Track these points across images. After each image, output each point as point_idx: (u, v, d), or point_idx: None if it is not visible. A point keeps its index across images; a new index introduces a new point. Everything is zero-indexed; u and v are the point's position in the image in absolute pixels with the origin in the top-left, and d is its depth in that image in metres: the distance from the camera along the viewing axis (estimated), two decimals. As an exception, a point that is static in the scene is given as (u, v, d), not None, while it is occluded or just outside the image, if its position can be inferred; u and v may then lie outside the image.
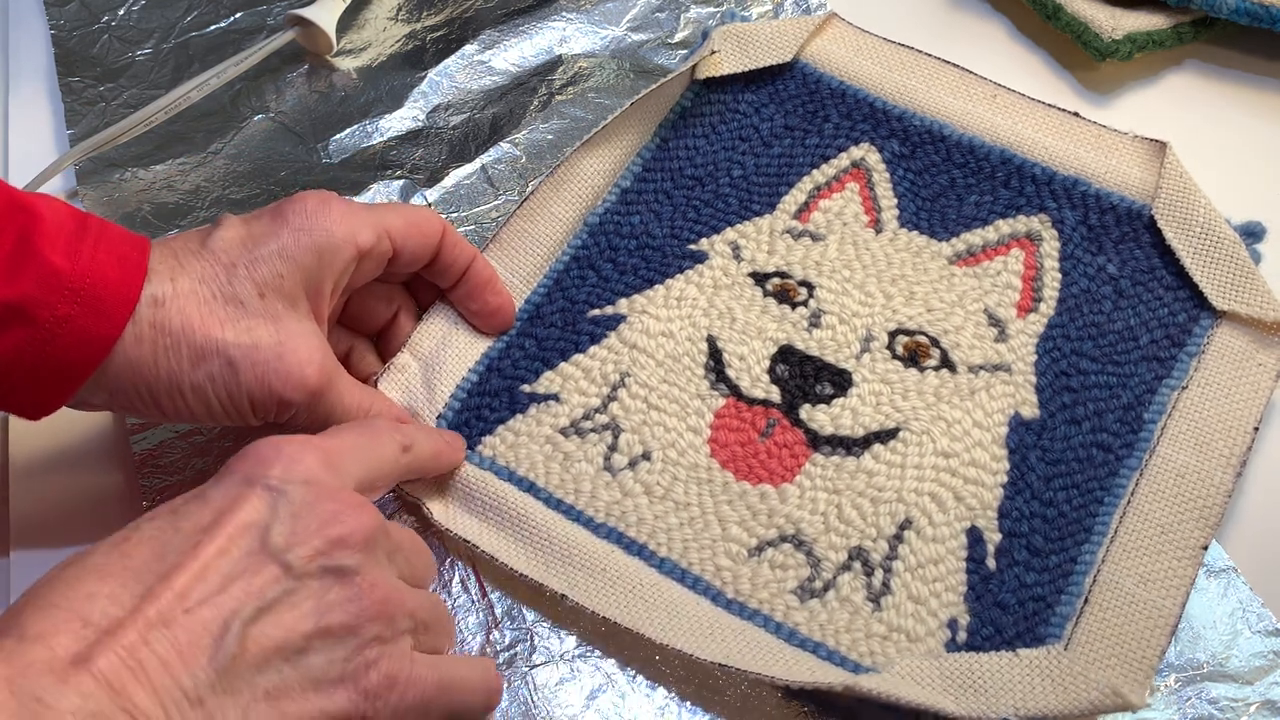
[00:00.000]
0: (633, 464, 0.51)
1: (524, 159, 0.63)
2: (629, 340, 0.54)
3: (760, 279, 0.56)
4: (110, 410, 0.50)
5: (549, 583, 0.48)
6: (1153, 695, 0.46)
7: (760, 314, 0.55)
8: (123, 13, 0.69)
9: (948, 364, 0.53)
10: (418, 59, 0.67)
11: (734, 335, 0.54)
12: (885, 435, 0.51)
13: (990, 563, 0.48)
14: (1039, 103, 0.60)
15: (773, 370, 0.53)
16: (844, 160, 0.60)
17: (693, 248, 0.57)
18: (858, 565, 0.48)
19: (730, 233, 0.58)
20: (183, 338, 0.45)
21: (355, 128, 0.64)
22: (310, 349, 0.47)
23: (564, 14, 0.69)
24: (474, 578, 0.50)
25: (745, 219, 0.58)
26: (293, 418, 0.47)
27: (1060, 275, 0.56)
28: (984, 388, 0.52)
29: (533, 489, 0.51)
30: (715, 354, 0.54)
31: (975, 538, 0.49)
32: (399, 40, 0.68)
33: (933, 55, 0.62)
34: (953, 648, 0.47)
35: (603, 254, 0.57)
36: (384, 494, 0.45)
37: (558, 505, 0.50)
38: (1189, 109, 0.64)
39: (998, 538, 0.49)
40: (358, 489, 0.42)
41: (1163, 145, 0.58)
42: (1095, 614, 0.47)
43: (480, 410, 0.53)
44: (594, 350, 0.54)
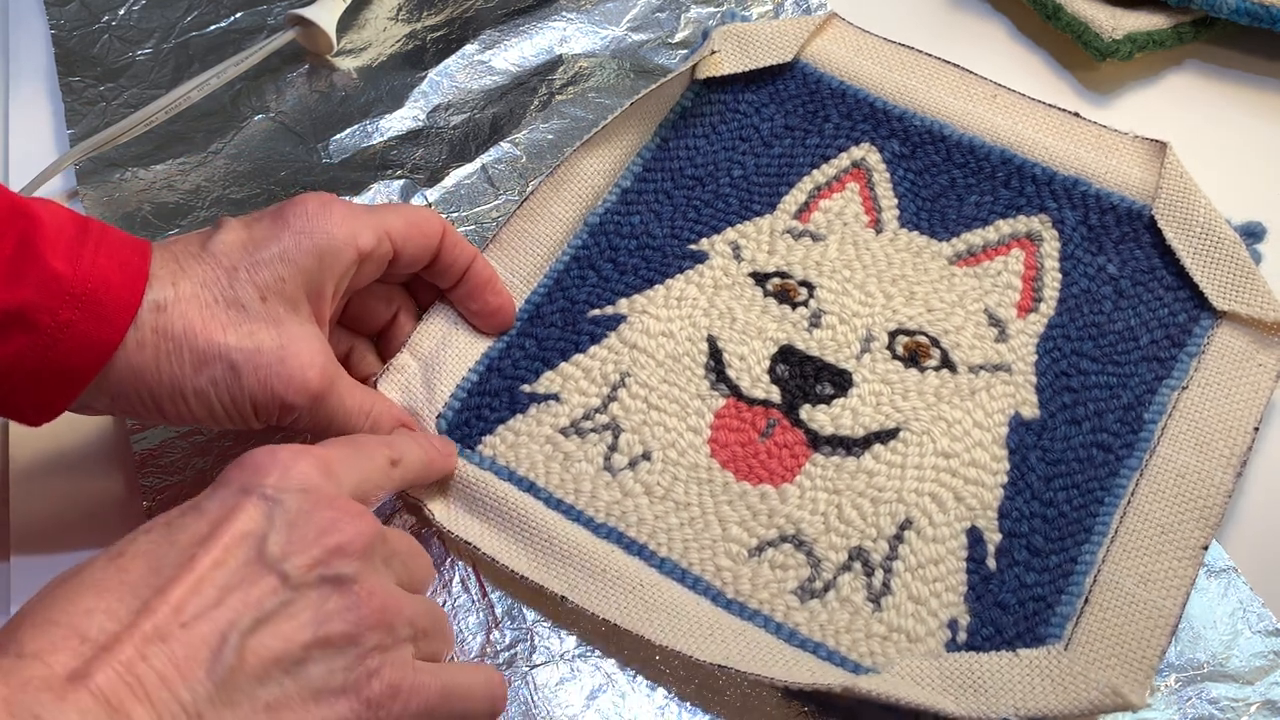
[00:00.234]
0: (633, 464, 0.51)
1: (524, 159, 0.63)
2: (629, 340, 0.54)
3: (760, 279, 0.56)
4: (112, 414, 0.50)
5: (549, 584, 0.48)
6: (1153, 695, 0.46)
7: (760, 314, 0.55)
8: (123, 13, 0.69)
9: (948, 364, 0.53)
10: (418, 59, 0.67)
11: (734, 335, 0.54)
12: (885, 435, 0.51)
13: (990, 563, 0.48)
14: (1039, 103, 0.60)
15: (773, 370, 0.53)
16: (844, 160, 0.60)
17: (693, 248, 0.57)
18: (858, 565, 0.49)
19: (730, 233, 0.58)
20: (185, 342, 0.45)
21: (355, 128, 0.64)
22: (312, 352, 0.47)
23: (564, 14, 0.69)
24: (474, 578, 0.50)
25: (745, 219, 0.58)
26: (295, 421, 0.47)
27: (1060, 275, 0.56)
28: (984, 388, 0.52)
29: (533, 489, 0.51)
30: (715, 354, 0.54)
31: (975, 538, 0.49)
32: (399, 40, 0.68)
33: (933, 55, 0.62)
34: (953, 648, 0.47)
35: (603, 254, 0.57)
36: (375, 507, 0.45)
37: (558, 505, 0.50)
38: (1189, 109, 0.64)
39: (998, 538, 0.49)
40: (351, 499, 0.42)
41: (1163, 145, 0.58)
42: (1095, 614, 0.47)
43: (480, 410, 0.53)
44: (594, 350, 0.54)
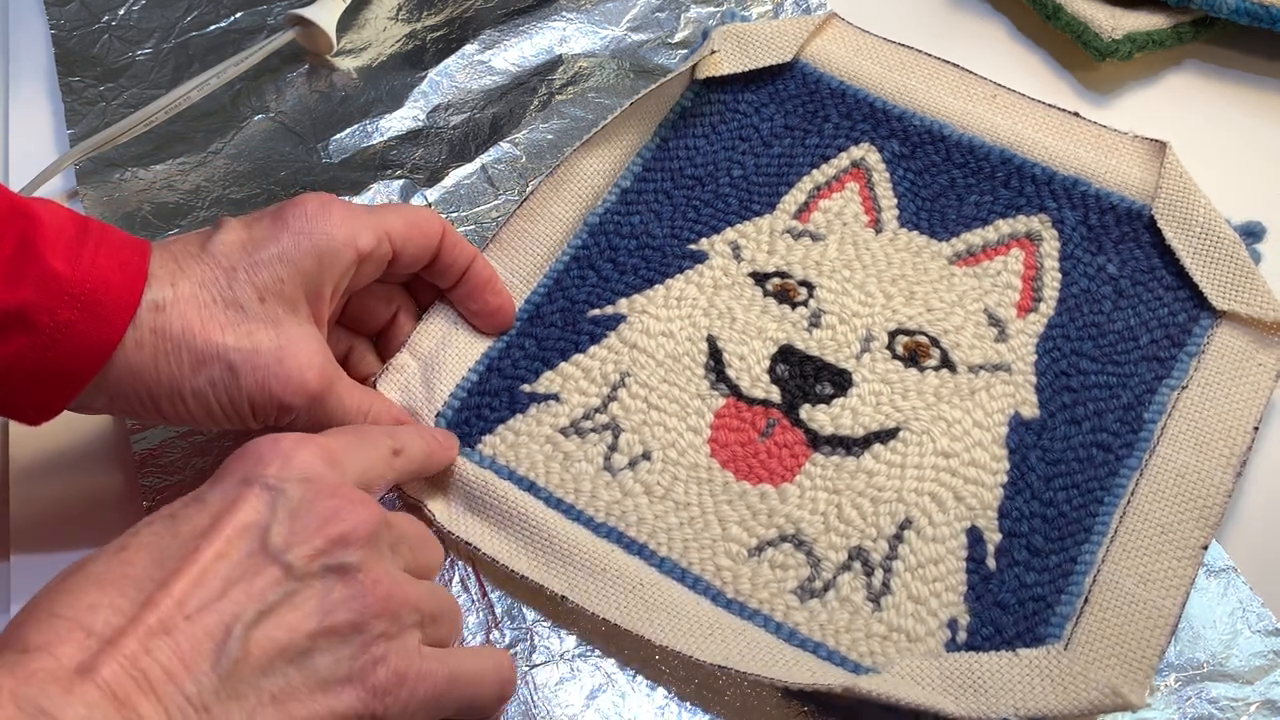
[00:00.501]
0: (633, 464, 0.51)
1: (524, 159, 0.63)
2: (629, 340, 0.54)
3: (760, 279, 0.56)
4: (110, 413, 0.50)
5: (549, 584, 0.48)
6: (1153, 695, 0.46)
7: (760, 314, 0.55)
8: (123, 13, 0.69)
9: (948, 364, 0.53)
10: (418, 59, 0.67)
11: (734, 335, 0.54)
12: (885, 435, 0.51)
13: (990, 563, 0.48)
14: (1039, 103, 0.60)
15: (773, 370, 0.53)
16: (844, 160, 0.60)
17: (693, 248, 0.57)
18: (858, 565, 0.49)
19: (730, 233, 0.58)
20: (183, 343, 0.45)
21: (355, 128, 0.64)
22: (310, 353, 0.47)
23: (564, 14, 0.69)
24: (474, 577, 0.50)
25: (745, 219, 0.58)
26: (293, 421, 0.47)
27: (1060, 275, 0.56)
28: (984, 388, 0.52)
29: (533, 488, 0.51)
30: (715, 354, 0.54)
31: (975, 538, 0.49)
32: (399, 40, 0.68)
33: (933, 55, 0.62)
34: (953, 648, 0.47)
35: (603, 254, 0.57)
36: (379, 496, 0.45)
37: (558, 505, 0.50)
38: (1189, 109, 0.64)
39: (998, 538, 0.49)
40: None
41: (1163, 145, 0.58)
42: (1095, 614, 0.47)
43: (480, 410, 0.53)
44: (594, 350, 0.54)
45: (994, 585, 0.48)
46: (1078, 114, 0.60)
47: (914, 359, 0.53)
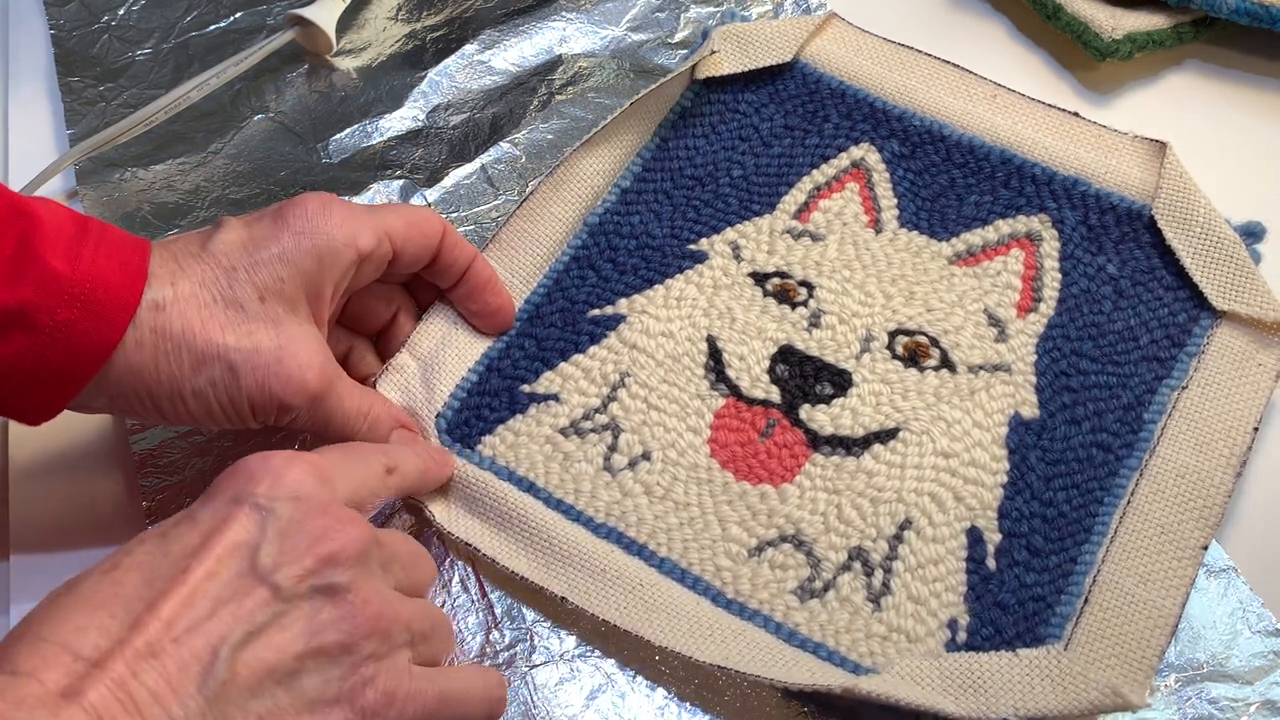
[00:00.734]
0: (633, 464, 0.51)
1: (524, 159, 0.63)
2: (629, 340, 0.54)
3: (760, 279, 0.56)
4: (110, 413, 0.50)
5: (549, 585, 0.48)
6: (1153, 695, 0.46)
7: (760, 314, 0.55)
8: (123, 13, 0.69)
9: (948, 364, 0.53)
10: (418, 59, 0.67)
11: (734, 335, 0.54)
12: (885, 435, 0.51)
13: (990, 563, 0.48)
14: (1039, 103, 0.60)
15: (773, 370, 0.53)
16: (844, 160, 0.60)
17: (693, 248, 0.57)
18: (858, 565, 0.49)
19: (730, 233, 0.58)
20: (183, 342, 0.45)
21: (355, 128, 0.64)
22: (310, 353, 0.47)
23: (564, 14, 0.69)
24: (474, 578, 0.50)
25: (745, 219, 0.58)
26: (292, 421, 0.47)
27: (1060, 275, 0.56)
28: (984, 388, 0.52)
29: (533, 489, 0.51)
30: (715, 354, 0.54)
31: (975, 538, 0.49)
32: (399, 40, 0.68)
33: (933, 55, 0.62)
34: (953, 648, 0.47)
35: (603, 254, 0.57)
36: (371, 514, 0.45)
37: (558, 505, 0.50)
38: (1189, 109, 0.64)
39: (998, 538, 0.49)
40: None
41: (1163, 145, 0.58)
42: (1095, 614, 0.47)
43: (480, 410, 0.53)
44: (594, 350, 0.54)
45: (994, 585, 0.48)
46: (1078, 114, 0.60)
47: (914, 359, 0.53)
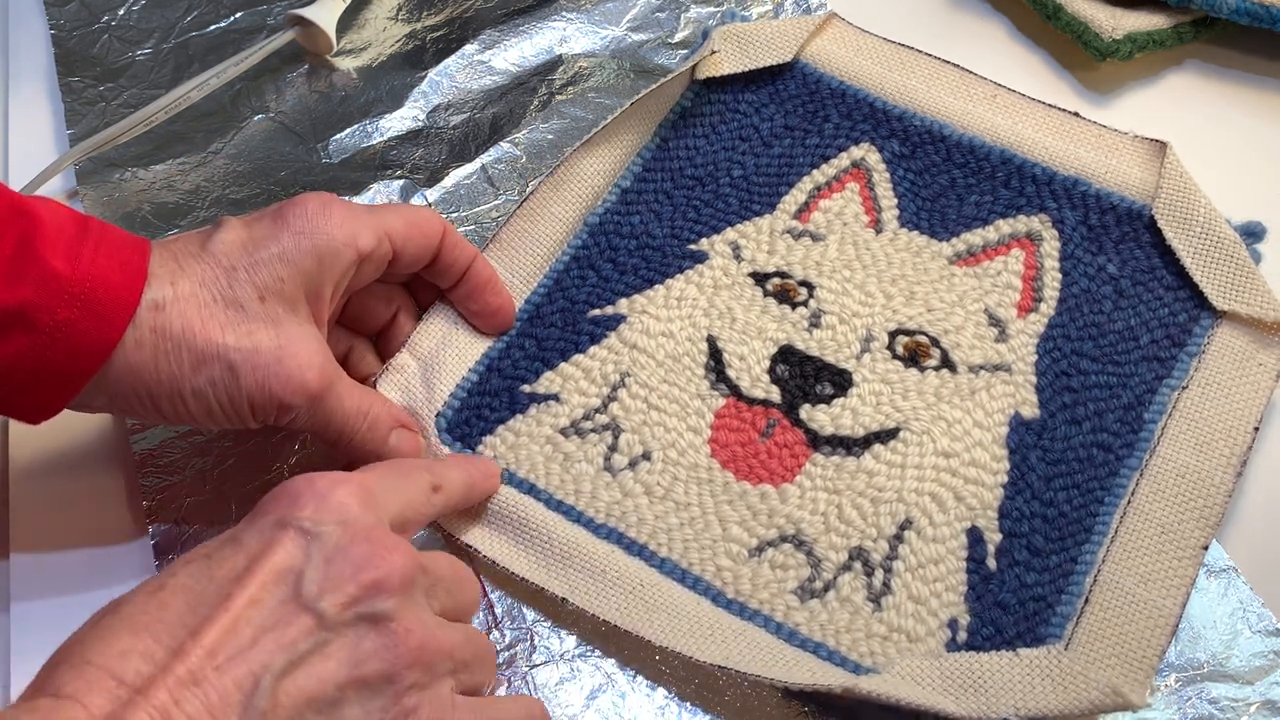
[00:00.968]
0: (633, 464, 0.51)
1: (524, 159, 0.63)
2: (629, 340, 0.54)
3: (760, 279, 0.56)
4: (110, 413, 0.50)
5: (550, 586, 0.48)
6: (1153, 695, 0.46)
7: (760, 314, 0.55)
8: (123, 13, 0.69)
9: (948, 364, 0.53)
10: (418, 59, 0.67)
11: (734, 335, 0.54)
12: (885, 435, 0.51)
13: (990, 563, 0.48)
14: (1039, 103, 0.60)
15: (773, 370, 0.53)
16: (844, 160, 0.60)
17: (693, 248, 0.57)
18: (858, 565, 0.49)
19: (730, 233, 0.58)
20: (183, 342, 0.45)
21: (355, 128, 0.64)
22: (310, 353, 0.46)
23: (564, 14, 0.69)
24: (474, 578, 0.50)
25: (745, 219, 0.58)
26: (292, 421, 0.47)
27: (1060, 275, 0.56)
28: (984, 388, 0.52)
29: (533, 490, 0.51)
30: (715, 354, 0.54)
31: (975, 538, 0.49)
32: (399, 40, 0.68)
33: (933, 55, 0.62)
34: (953, 648, 0.47)
35: (603, 254, 0.57)
36: (415, 534, 0.45)
37: (558, 506, 0.50)
38: (1189, 109, 0.64)
39: (998, 538, 0.49)
40: (391, 528, 0.41)
41: (1163, 145, 0.58)
42: (1095, 614, 0.47)
43: (480, 410, 0.53)
44: (594, 350, 0.54)
45: (994, 585, 0.48)
46: (1078, 114, 0.60)
47: (914, 359, 0.53)
